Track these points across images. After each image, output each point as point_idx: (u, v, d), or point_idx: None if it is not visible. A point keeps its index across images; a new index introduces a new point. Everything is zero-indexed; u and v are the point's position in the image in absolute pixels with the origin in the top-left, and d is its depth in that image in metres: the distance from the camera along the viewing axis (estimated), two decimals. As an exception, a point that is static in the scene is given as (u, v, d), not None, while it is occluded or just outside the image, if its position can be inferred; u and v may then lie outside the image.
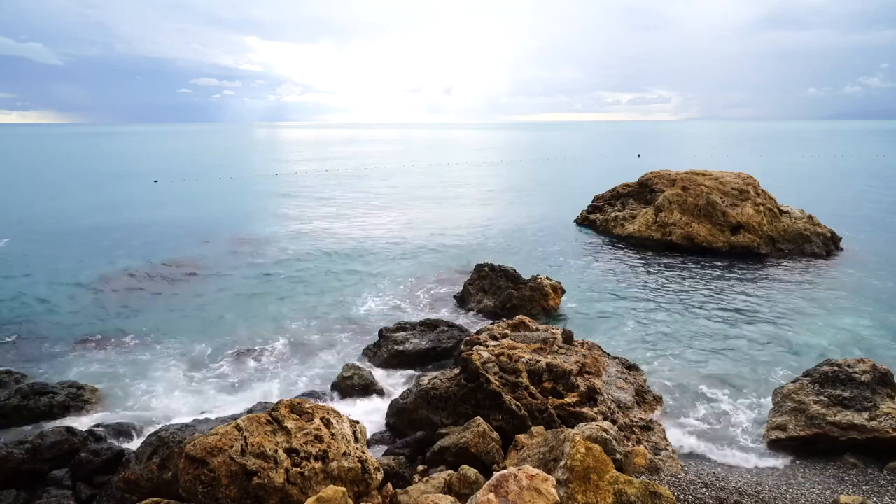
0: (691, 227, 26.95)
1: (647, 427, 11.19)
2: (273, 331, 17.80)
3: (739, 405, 12.91)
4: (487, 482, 7.03)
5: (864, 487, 9.50)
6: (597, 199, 33.92)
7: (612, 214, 30.73)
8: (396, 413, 12.34)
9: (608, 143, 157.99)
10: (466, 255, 26.85)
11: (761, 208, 27.73)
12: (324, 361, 15.76)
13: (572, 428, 9.71)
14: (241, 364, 15.59)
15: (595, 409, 11.20)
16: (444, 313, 19.18)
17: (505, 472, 7.00)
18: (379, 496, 8.34)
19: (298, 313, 19.38)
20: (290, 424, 8.41)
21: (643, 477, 8.85)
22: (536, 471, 7.01)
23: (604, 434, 9.36)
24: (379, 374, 14.70)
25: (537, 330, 14.22)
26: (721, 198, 27.69)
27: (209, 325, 18.40)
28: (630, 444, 10.39)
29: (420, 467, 10.13)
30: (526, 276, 20.29)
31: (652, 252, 26.96)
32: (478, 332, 14.25)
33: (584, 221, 33.11)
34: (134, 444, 11.02)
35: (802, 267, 24.36)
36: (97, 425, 12.12)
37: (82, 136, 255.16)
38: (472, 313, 19.17)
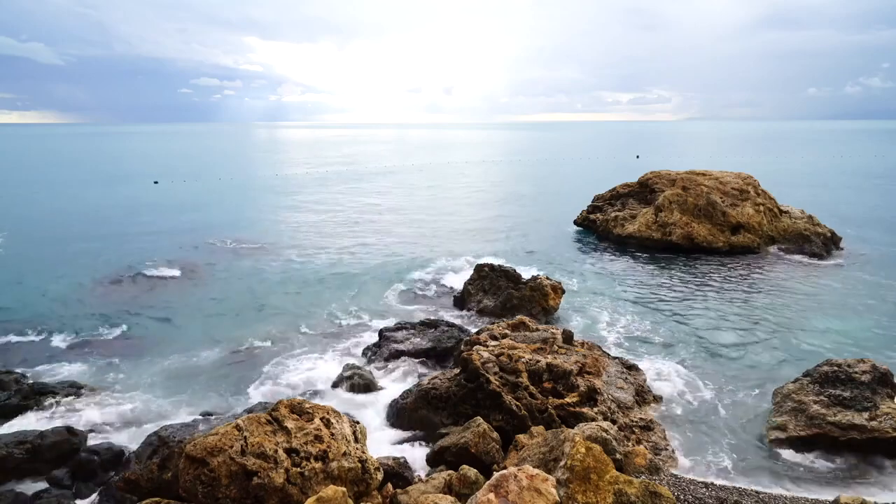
0: (691, 227, 26.94)
1: (647, 427, 11.19)
2: (273, 331, 17.79)
3: (739, 405, 12.90)
4: (487, 482, 7.03)
5: (864, 487, 9.50)
6: (597, 199, 33.88)
7: (612, 214, 30.70)
8: (396, 413, 12.34)
9: (608, 143, 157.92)
10: (466, 255, 26.84)
11: (761, 208, 27.74)
12: (324, 361, 15.74)
13: (572, 428, 9.71)
14: (241, 364, 15.58)
15: (595, 409, 11.20)
16: (444, 313, 19.17)
17: (505, 472, 7.00)
18: (379, 496, 8.34)
19: (299, 313, 19.38)
20: (290, 424, 8.41)
21: (643, 477, 8.85)
22: (536, 471, 7.01)
23: (604, 434, 9.35)
24: (379, 374, 14.70)
25: (537, 330, 14.21)
26: (721, 198, 27.69)
27: (209, 325, 18.40)
28: (630, 444, 10.39)
29: (420, 467, 10.14)
30: (526, 276, 20.28)
31: (652, 252, 26.95)
32: (478, 332, 14.25)
33: (584, 221, 33.07)
34: (134, 444, 11.01)
35: (802, 267, 24.36)
36: (97, 425, 12.13)
37: (82, 136, 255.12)
38: (472, 313, 19.16)
